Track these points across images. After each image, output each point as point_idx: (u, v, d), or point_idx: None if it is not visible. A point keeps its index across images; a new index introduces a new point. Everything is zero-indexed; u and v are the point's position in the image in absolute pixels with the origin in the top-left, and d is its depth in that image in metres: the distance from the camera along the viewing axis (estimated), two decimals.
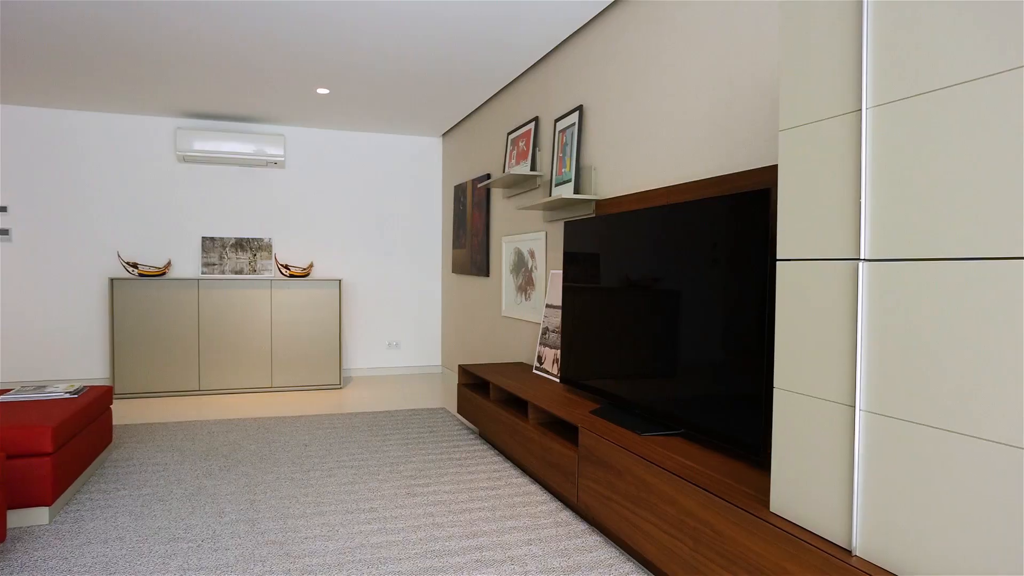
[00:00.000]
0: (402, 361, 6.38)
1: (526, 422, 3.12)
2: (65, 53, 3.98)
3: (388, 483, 3.09)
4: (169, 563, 2.25)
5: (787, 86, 1.57)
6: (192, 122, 5.72)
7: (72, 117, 5.47)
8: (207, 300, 5.32)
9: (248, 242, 5.86)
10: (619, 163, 3.18)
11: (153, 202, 5.66)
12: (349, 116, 5.56)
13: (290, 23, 3.47)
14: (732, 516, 1.70)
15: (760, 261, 1.95)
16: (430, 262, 6.45)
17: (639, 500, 2.13)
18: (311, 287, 5.55)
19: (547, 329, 3.72)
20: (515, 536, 2.49)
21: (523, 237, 4.31)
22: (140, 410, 4.73)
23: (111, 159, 5.56)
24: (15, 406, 2.91)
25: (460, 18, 3.38)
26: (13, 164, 5.37)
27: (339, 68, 4.23)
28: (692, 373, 2.26)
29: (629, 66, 3.09)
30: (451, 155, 6.11)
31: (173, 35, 3.66)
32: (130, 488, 3.01)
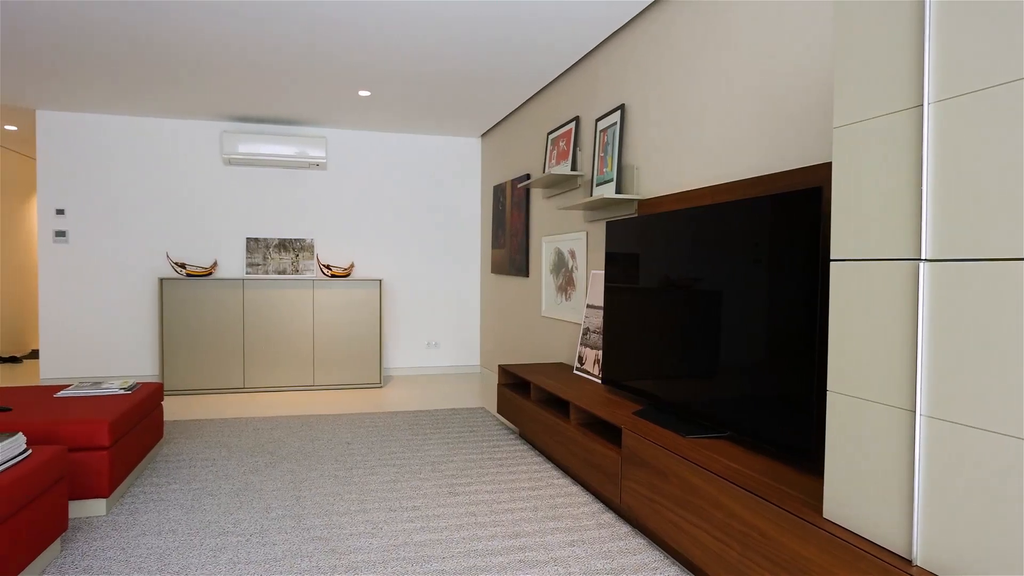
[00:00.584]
0: (441, 361, 6.42)
1: (567, 423, 3.11)
2: (118, 61, 4.11)
3: (430, 482, 3.11)
4: (219, 556, 2.30)
5: (842, 82, 1.53)
6: (237, 125, 5.85)
7: (125, 122, 5.65)
8: (251, 300, 5.43)
9: (291, 243, 5.96)
10: (662, 162, 3.15)
11: (200, 204, 5.81)
12: (389, 117, 5.62)
13: (333, 27, 3.52)
14: (783, 521, 1.66)
15: (810, 261, 1.91)
16: (469, 262, 6.48)
17: (685, 503, 2.10)
18: (352, 287, 5.62)
19: (588, 329, 3.70)
20: (558, 537, 2.48)
21: (563, 237, 4.29)
22: (188, 406, 4.85)
23: (161, 163, 5.73)
24: (74, 401, 3.02)
25: (501, 19, 3.39)
26: (70, 169, 5.56)
27: (380, 70, 4.28)
28: (737, 375, 2.22)
29: (672, 64, 3.06)
30: (490, 155, 6.13)
31: (220, 41, 3.74)
32: (181, 482, 3.09)
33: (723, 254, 2.31)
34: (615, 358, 3.10)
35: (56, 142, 5.53)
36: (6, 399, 3.05)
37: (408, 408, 4.79)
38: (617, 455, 2.59)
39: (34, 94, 4.97)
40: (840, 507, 1.53)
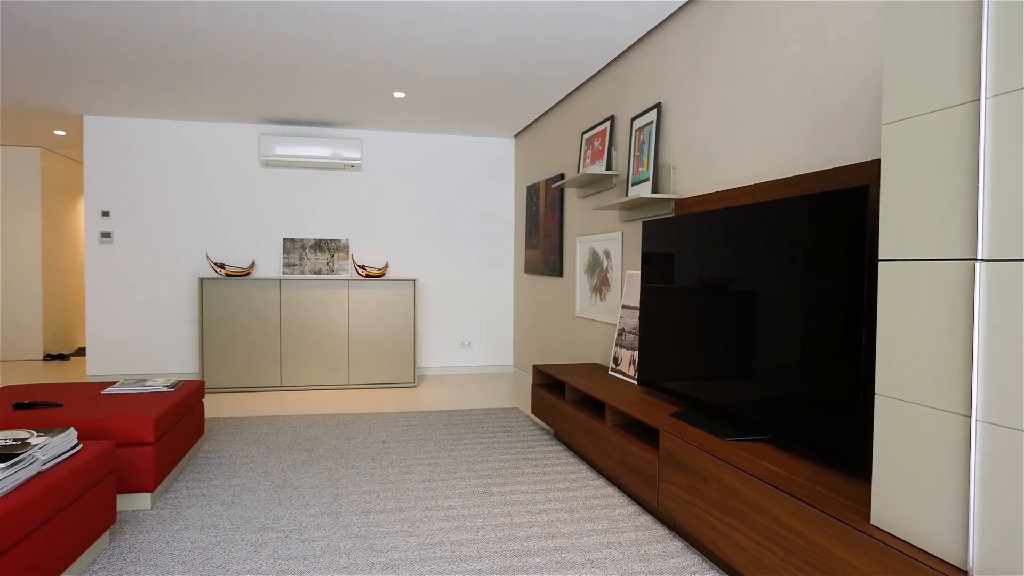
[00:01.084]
0: (474, 361, 6.44)
1: (603, 424, 3.09)
2: (161, 67, 4.21)
3: (465, 481, 3.12)
4: (260, 552, 2.34)
5: (892, 77, 1.49)
6: (274, 128, 5.94)
7: (167, 126, 5.78)
8: (288, 299, 5.52)
9: (326, 243, 6.04)
10: (700, 161, 3.11)
11: (239, 205, 5.92)
12: (423, 118, 5.66)
13: (368, 30, 3.56)
14: (828, 527, 1.63)
15: (856, 261, 1.86)
16: (502, 262, 6.48)
17: (724, 506, 2.07)
18: (386, 287, 5.67)
19: (623, 330, 3.68)
20: (594, 539, 2.47)
21: (598, 237, 4.27)
22: (227, 404, 4.95)
23: (202, 165, 5.85)
24: (120, 398, 3.10)
25: (535, 18, 3.38)
26: (115, 172, 5.71)
27: (414, 72, 4.31)
28: (779, 377, 2.18)
29: (710, 62, 3.02)
30: (524, 155, 6.13)
31: (258, 45, 3.81)
32: (221, 479, 3.15)
33: (764, 254, 2.27)
34: (651, 359, 3.07)
35: (102, 146, 5.69)
36: (56, 395, 3.14)
37: (442, 408, 4.81)
38: (654, 457, 2.56)
39: (81, 100, 5.12)
40: (889, 514, 1.49)
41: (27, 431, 2.12)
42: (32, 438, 2.05)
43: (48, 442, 2.03)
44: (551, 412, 3.80)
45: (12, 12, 3.35)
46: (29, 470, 1.87)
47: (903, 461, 1.45)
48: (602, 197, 4.26)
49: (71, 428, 2.19)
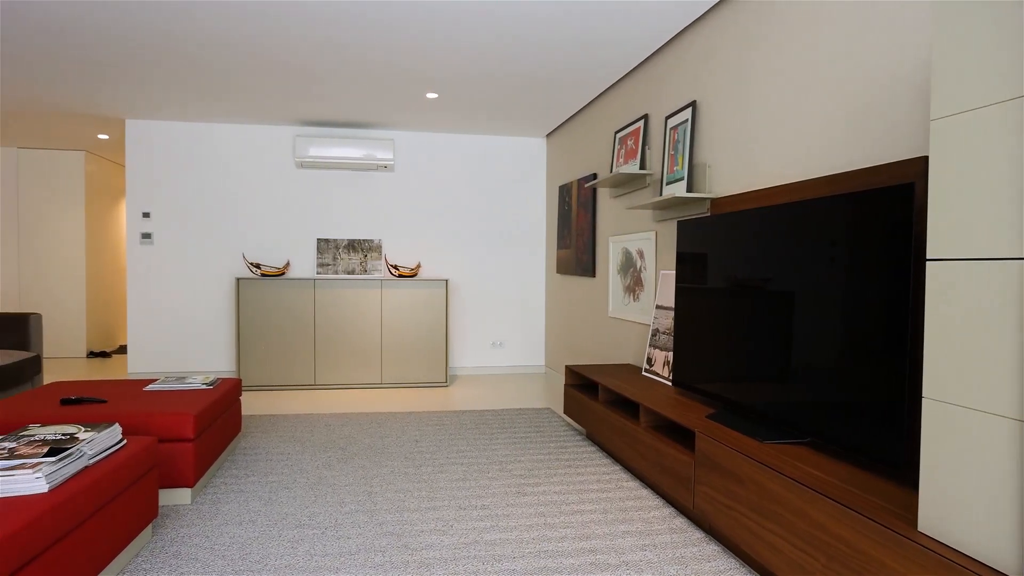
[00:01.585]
0: (506, 360, 6.45)
1: (637, 425, 3.07)
2: (201, 72, 4.29)
3: (498, 481, 3.12)
4: (297, 548, 2.37)
5: (941, 71, 1.45)
6: (309, 129, 6.02)
7: (205, 129, 5.90)
8: (322, 299, 5.58)
9: (359, 243, 6.10)
10: (736, 160, 3.06)
11: (274, 206, 6.02)
12: (455, 119, 5.68)
13: (402, 31, 3.58)
14: (873, 533, 1.59)
15: (901, 260, 1.81)
16: (534, 262, 6.48)
17: (763, 510, 2.04)
18: (419, 287, 5.70)
19: (657, 331, 3.64)
20: (629, 541, 2.45)
21: (631, 237, 4.24)
22: (262, 402, 5.03)
23: (238, 167, 5.96)
24: (161, 395, 3.17)
25: (569, 17, 3.37)
26: (155, 174, 5.85)
27: (447, 72, 4.33)
28: (819, 379, 2.14)
29: (747, 58, 2.97)
30: (556, 155, 6.11)
31: (294, 48, 3.86)
32: (258, 475, 3.20)
33: (803, 254, 2.22)
34: (686, 360, 3.03)
35: (143, 149, 5.83)
36: (101, 391, 3.23)
37: (474, 407, 4.82)
38: (690, 459, 2.53)
39: (124, 105, 5.25)
40: (938, 521, 1.45)
41: (75, 426, 2.18)
42: (80, 433, 2.10)
43: (95, 437, 2.08)
44: (584, 412, 3.78)
45: (59, 21, 3.45)
46: (77, 464, 1.93)
47: (952, 466, 1.41)
48: (635, 196, 4.22)
49: (116, 424, 2.24)
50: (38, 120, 5.85)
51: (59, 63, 4.18)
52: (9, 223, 7.24)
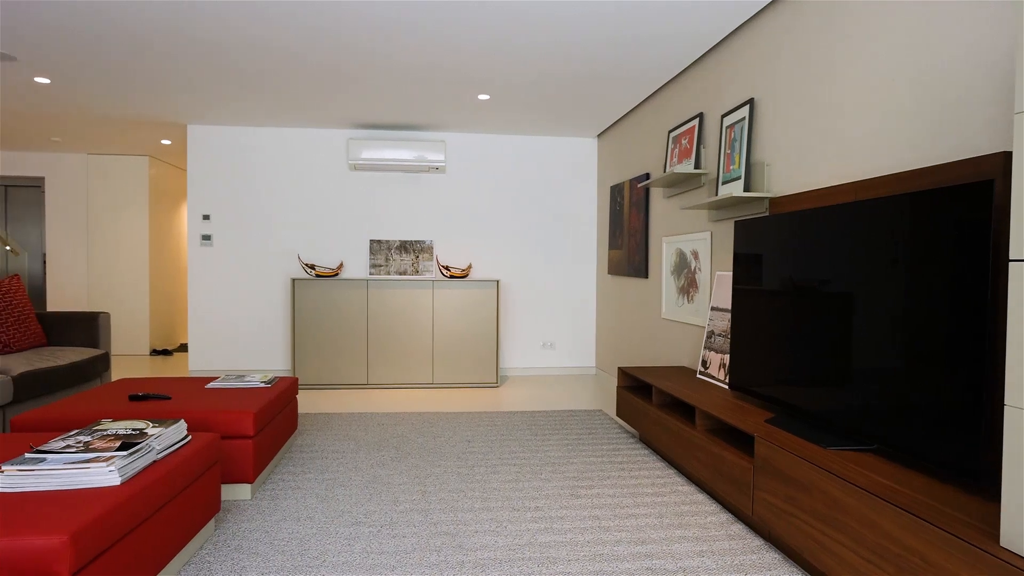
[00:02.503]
0: (556, 362, 6.42)
1: (693, 428, 3.01)
2: (259, 78, 4.41)
3: (551, 483, 3.10)
4: (354, 545, 2.40)
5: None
6: (362, 132, 6.12)
7: (263, 133, 6.06)
8: (375, 299, 5.66)
9: (411, 244, 6.17)
10: (796, 158, 2.97)
11: (328, 208, 6.14)
12: (506, 120, 5.69)
13: (455, 34, 3.60)
14: (949, 547, 1.51)
15: (978, 261, 1.73)
16: (585, 263, 6.44)
17: (828, 519, 1.97)
18: (470, 287, 5.73)
19: (712, 333, 3.57)
20: (685, 546, 2.40)
21: (685, 237, 4.17)
22: (317, 400, 5.13)
23: (294, 170, 6.10)
24: (222, 392, 3.26)
25: (623, 14, 3.33)
26: (215, 177, 6.04)
27: (500, 74, 4.33)
28: (886, 384, 2.05)
29: (809, 53, 2.88)
30: (607, 155, 6.06)
31: (350, 54, 3.92)
32: (315, 472, 3.26)
33: (870, 254, 2.14)
34: (744, 363, 2.96)
35: (204, 153, 6.03)
36: (165, 388, 3.34)
37: (525, 408, 4.82)
38: (748, 464, 2.47)
39: (186, 111, 5.43)
40: (1021, 535, 1.37)
41: (143, 422, 2.26)
42: (148, 428, 2.17)
43: (162, 432, 2.15)
44: (637, 415, 3.73)
45: (129, 30, 3.58)
46: (146, 458, 1.99)
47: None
48: (690, 196, 4.15)
49: (181, 420, 2.31)
50: (107, 127, 6.11)
51: (128, 73, 4.35)
52: (79, 226, 7.58)
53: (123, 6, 3.27)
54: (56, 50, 3.92)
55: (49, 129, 6.22)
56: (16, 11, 3.33)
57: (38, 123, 5.95)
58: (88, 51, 3.93)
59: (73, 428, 2.75)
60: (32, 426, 2.73)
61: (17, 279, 4.30)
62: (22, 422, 2.72)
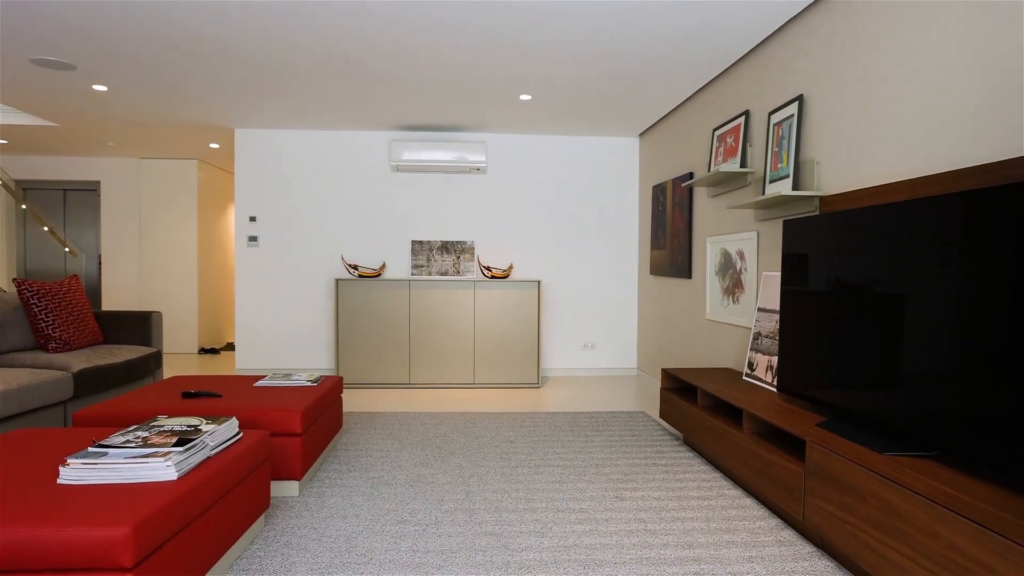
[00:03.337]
0: (597, 363, 6.38)
1: (740, 431, 2.96)
2: (303, 82, 4.49)
3: (595, 485, 3.08)
4: (400, 543, 2.42)
5: None
6: (404, 134, 6.18)
7: (307, 136, 6.17)
8: (416, 300, 5.71)
9: (452, 245, 6.20)
10: (848, 156, 2.90)
11: (370, 209, 6.21)
12: (547, 120, 5.68)
13: (497, 35, 3.60)
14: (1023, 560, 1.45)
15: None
16: (626, 263, 6.38)
17: (885, 527, 1.91)
18: (511, 288, 5.73)
19: (759, 334, 3.50)
20: (734, 552, 2.36)
21: (731, 237, 4.10)
22: (360, 399, 5.19)
23: (337, 171, 6.20)
24: (270, 391, 3.32)
25: (667, 10, 3.29)
26: (261, 180, 6.17)
27: (543, 73, 4.33)
28: (945, 388, 1.98)
29: (861, 48, 2.81)
30: (649, 154, 6.00)
31: (393, 57, 3.96)
32: (359, 471, 3.30)
33: (928, 252, 2.07)
34: (793, 365, 2.89)
35: (250, 156, 6.16)
36: (215, 386, 3.42)
37: (567, 409, 4.80)
38: (799, 469, 2.41)
39: (234, 115, 5.56)
40: None
41: (197, 418, 2.31)
42: (202, 425, 2.23)
43: (215, 429, 2.20)
44: (681, 417, 3.68)
45: (180, 38, 3.68)
46: (201, 454, 2.04)
47: None
48: (735, 196, 4.08)
49: (233, 417, 2.36)
50: (158, 132, 6.29)
51: (179, 79, 4.47)
52: (131, 227, 7.83)
53: (174, 15, 3.36)
54: (113, 59, 4.05)
55: (104, 135, 6.43)
56: (76, 22, 3.45)
57: (94, 129, 6.16)
58: (142, 59, 4.05)
59: (130, 423, 2.84)
60: (92, 421, 2.83)
61: (76, 279, 4.46)
62: (83, 417, 2.82)
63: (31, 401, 3.32)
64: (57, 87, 4.71)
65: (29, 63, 4.16)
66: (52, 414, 3.54)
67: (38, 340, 4.05)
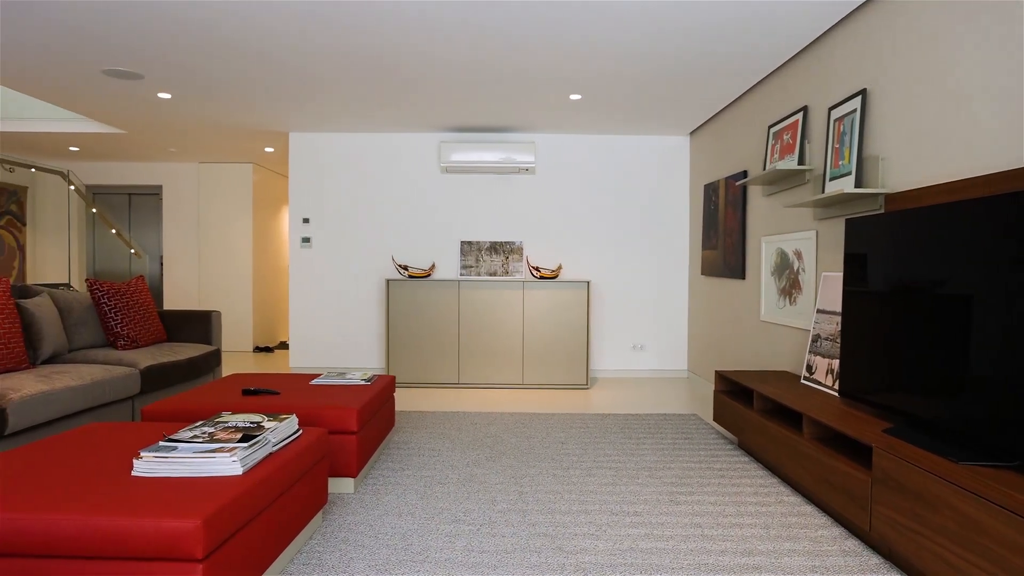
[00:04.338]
0: (646, 364, 6.31)
1: (799, 436, 2.88)
2: (353, 87, 4.56)
3: (649, 488, 3.04)
4: (455, 543, 2.43)
5: None
6: (453, 135, 6.23)
7: (359, 139, 6.27)
8: (466, 300, 5.74)
9: (501, 245, 6.22)
10: (915, 152, 2.79)
11: (421, 210, 6.28)
12: (596, 120, 5.64)
13: (545, 34, 3.59)
14: None
15: None
16: (676, 263, 6.29)
17: (964, 540, 1.83)
18: (560, 288, 5.72)
19: (819, 336, 3.40)
20: (795, 560, 2.29)
21: (787, 237, 3.99)
22: (411, 398, 5.25)
23: (388, 173, 6.28)
24: (326, 389, 3.38)
25: (721, 6, 3.23)
26: (314, 182, 6.30)
27: (593, 72, 4.30)
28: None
29: (929, 38, 2.70)
30: (700, 153, 5.90)
31: (442, 59, 3.99)
32: (412, 469, 3.33)
33: (1010, 251, 1.97)
34: (856, 369, 2.80)
35: (304, 159, 6.30)
36: (274, 384, 3.50)
37: (617, 411, 4.75)
38: (865, 476, 2.33)
39: (288, 119, 5.69)
40: None
41: (259, 415, 2.37)
42: (264, 422, 2.28)
43: (277, 426, 2.25)
44: (736, 420, 3.60)
45: (240, 47, 3.78)
46: (264, 450, 2.09)
47: None
48: (792, 194, 3.97)
49: (293, 415, 2.41)
50: (217, 137, 6.48)
51: (237, 86, 4.60)
52: (191, 230, 8.09)
53: (237, 27, 3.45)
54: (178, 68, 4.19)
55: (167, 141, 6.67)
56: (146, 33, 3.58)
57: (158, 135, 6.39)
58: (205, 67, 4.18)
59: (195, 419, 2.93)
60: (160, 416, 2.93)
61: (142, 280, 4.63)
62: (151, 412, 2.92)
63: (103, 396, 3.46)
64: (125, 96, 4.90)
65: (101, 74, 4.34)
66: (121, 409, 3.68)
67: (108, 338, 4.22)
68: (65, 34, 3.64)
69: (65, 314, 4.05)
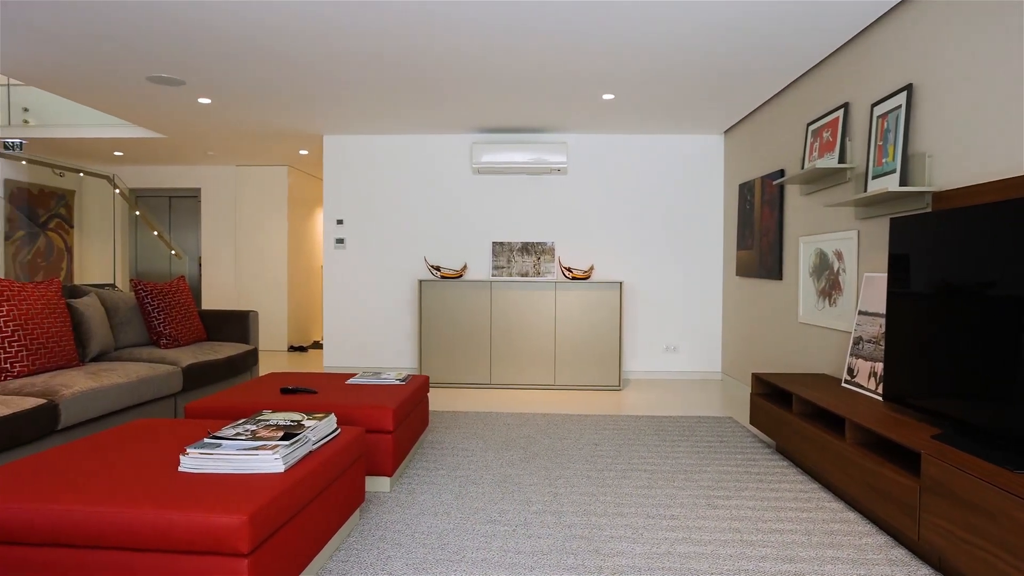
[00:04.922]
0: (680, 366, 6.24)
1: (842, 441, 2.81)
2: (389, 89, 4.60)
3: (685, 491, 3.01)
4: (491, 543, 2.43)
5: None
6: (485, 136, 6.24)
7: (391, 140, 6.33)
8: (497, 300, 5.75)
9: (533, 246, 6.21)
10: (964, 149, 2.71)
11: (452, 211, 6.31)
12: (628, 119, 5.61)
13: (577, 34, 3.58)
14: None
15: None
16: (710, 264, 6.22)
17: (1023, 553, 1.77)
18: (592, 289, 5.69)
19: (861, 339, 3.33)
20: (840, 568, 2.24)
21: (827, 237, 3.92)
22: (443, 398, 5.27)
23: (420, 174, 6.32)
24: (362, 388, 3.41)
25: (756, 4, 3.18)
26: (347, 184, 6.37)
27: (626, 71, 4.27)
28: None
29: (979, 30, 2.62)
30: (735, 152, 5.82)
31: (474, 60, 4.00)
32: (447, 469, 3.34)
33: None
34: (902, 373, 2.73)
35: (337, 161, 6.37)
36: (311, 383, 3.54)
37: (650, 413, 4.71)
38: (913, 484, 2.27)
39: (322, 122, 5.76)
40: None
41: (299, 414, 2.40)
42: (304, 420, 2.31)
43: (316, 425, 2.27)
44: (774, 424, 3.54)
45: (277, 52, 3.84)
46: (304, 448, 2.11)
47: None
48: (832, 193, 3.90)
49: (332, 414, 2.44)
50: (253, 140, 6.60)
51: (274, 91, 4.67)
52: (228, 231, 8.24)
53: (275, 33, 3.51)
54: (218, 73, 4.27)
55: (206, 144, 6.80)
56: (188, 40, 3.66)
57: (197, 139, 6.52)
58: (242, 73, 4.25)
59: (236, 416, 2.98)
60: (202, 413, 2.98)
61: (183, 280, 4.73)
62: (194, 409, 2.98)
63: (148, 393, 3.54)
64: (167, 101, 5.01)
65: (146, 80, 4.44)
66: (164, 405, 3.76)
67: (151, 336, 4.32)
68: (114, 45, 3.73)
69: (112, 313, 4.15)
